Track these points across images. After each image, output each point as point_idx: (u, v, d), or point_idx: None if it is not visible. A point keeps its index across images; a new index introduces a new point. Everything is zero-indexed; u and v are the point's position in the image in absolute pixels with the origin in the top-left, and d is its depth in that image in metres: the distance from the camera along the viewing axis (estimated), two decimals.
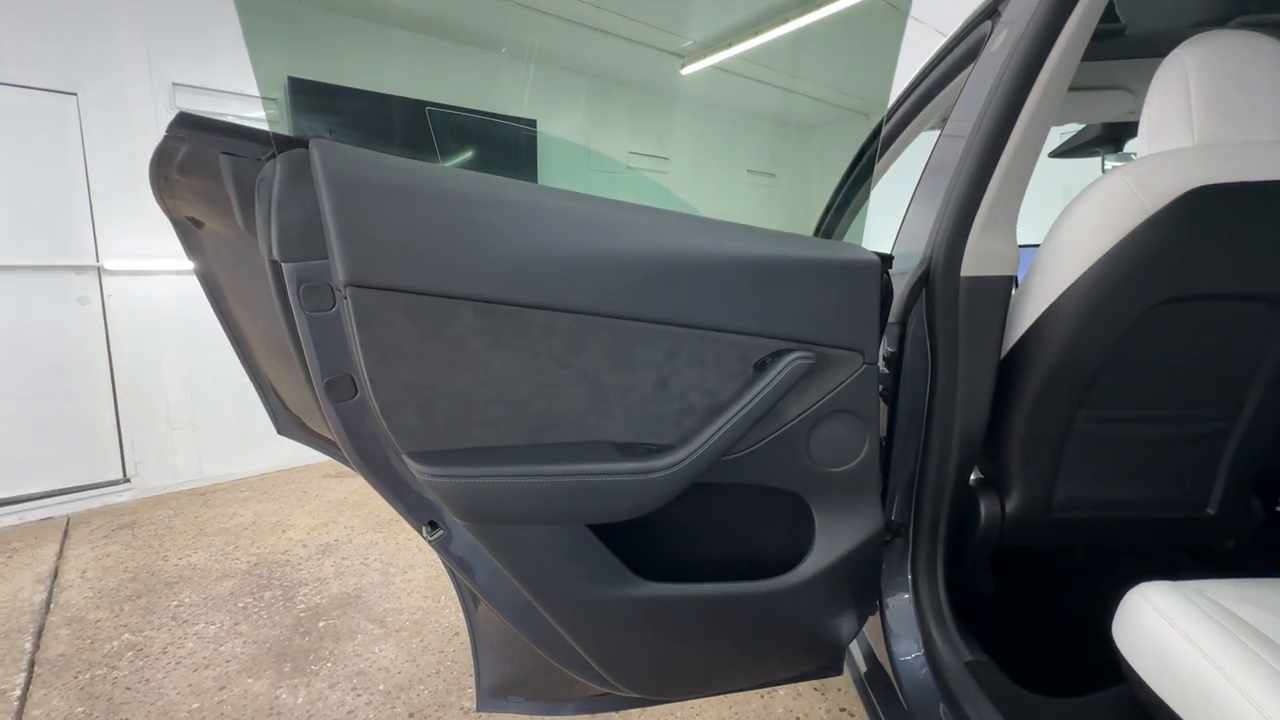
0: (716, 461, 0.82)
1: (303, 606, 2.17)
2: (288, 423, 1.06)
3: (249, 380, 1.05)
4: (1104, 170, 1.92)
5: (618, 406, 0.81)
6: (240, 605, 2.19)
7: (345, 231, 0.66)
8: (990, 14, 1.05)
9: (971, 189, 0.93)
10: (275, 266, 0.71)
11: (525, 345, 0.75)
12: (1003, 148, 0.92)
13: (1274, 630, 0.70)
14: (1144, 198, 0.89)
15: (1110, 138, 1.73)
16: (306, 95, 3.62)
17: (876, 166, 1.72)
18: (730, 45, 5.39)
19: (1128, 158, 1.82)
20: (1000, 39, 0.96)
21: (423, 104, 4.09)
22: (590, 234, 0.74)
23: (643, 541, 0.88)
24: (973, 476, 1.16)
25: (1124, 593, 0.81)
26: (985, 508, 1.13)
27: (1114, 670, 0.86)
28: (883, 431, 1.08)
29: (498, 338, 0.74)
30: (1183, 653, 0.71)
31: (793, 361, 0.82)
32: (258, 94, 3.51)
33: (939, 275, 0.97)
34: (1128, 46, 1.32)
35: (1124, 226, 0.89)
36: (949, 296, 0.97)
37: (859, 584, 0.97)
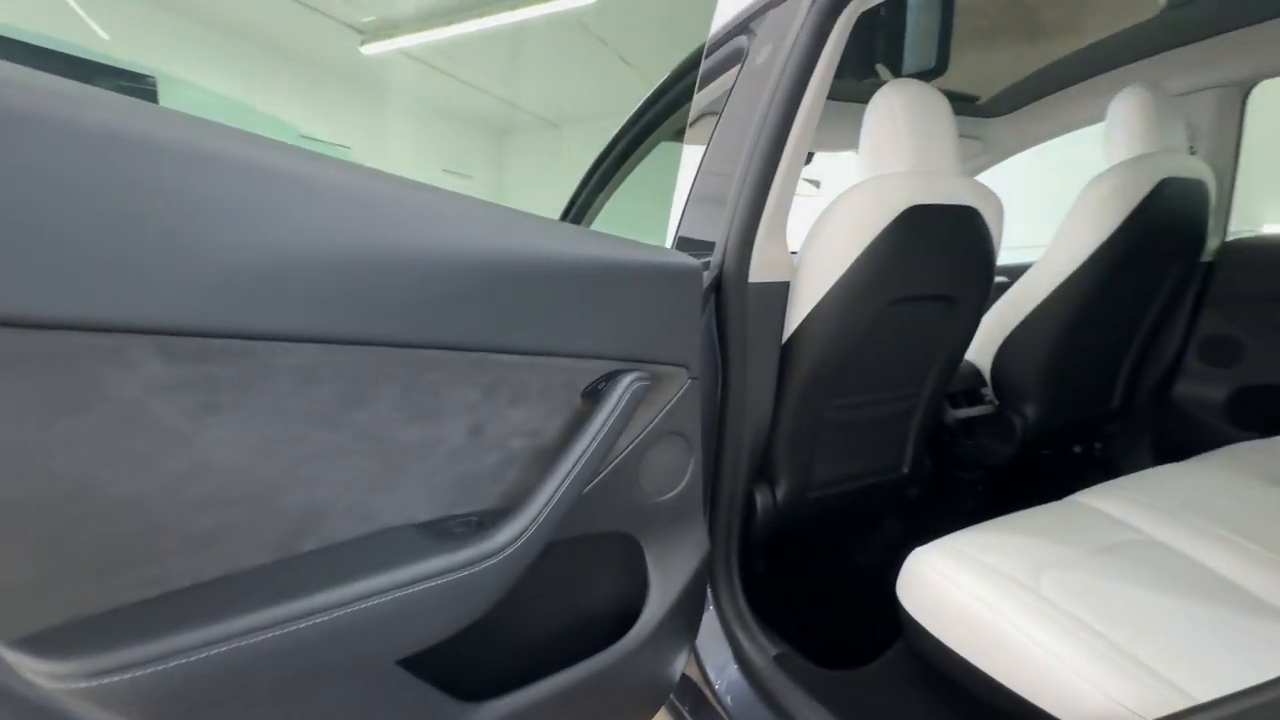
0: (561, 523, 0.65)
1: None
2: None
3: None
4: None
5: (417, 472, 0.58)
6: None
7: None
8: (743, 29, 1.10)
9: (755, 199, 0.95)
10: None
11: (263, 402, 0.47)
12: (779, 161, 0.95)
13: (1014, 569, 0.86)
14: (880, 211, 1.01)
15: None
16: None
17: (618, 174, 1.72)
18: (419, 30, 4.98)
19: None
20: (764, 54, 1.00)
21: None
22: (370, 221, 0.50)
23: (458, 647, 0.66)
24: None
25: (877, 556, 0.89)
26: (761, 500, 1.19)
27: (897, 629, 0.97)
28: None
29: (209, 395, 0.44)
30: (962, 603, 0.83)
31: (632, 385, 0.70)
32: None
33: (730, 282, 0.97)
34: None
35: (868, 235, 1.01)
36: (740, 303, 0.98)
37: (692, 616, 0.91)
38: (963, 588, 0.84)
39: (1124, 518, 1.04)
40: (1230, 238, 1.63)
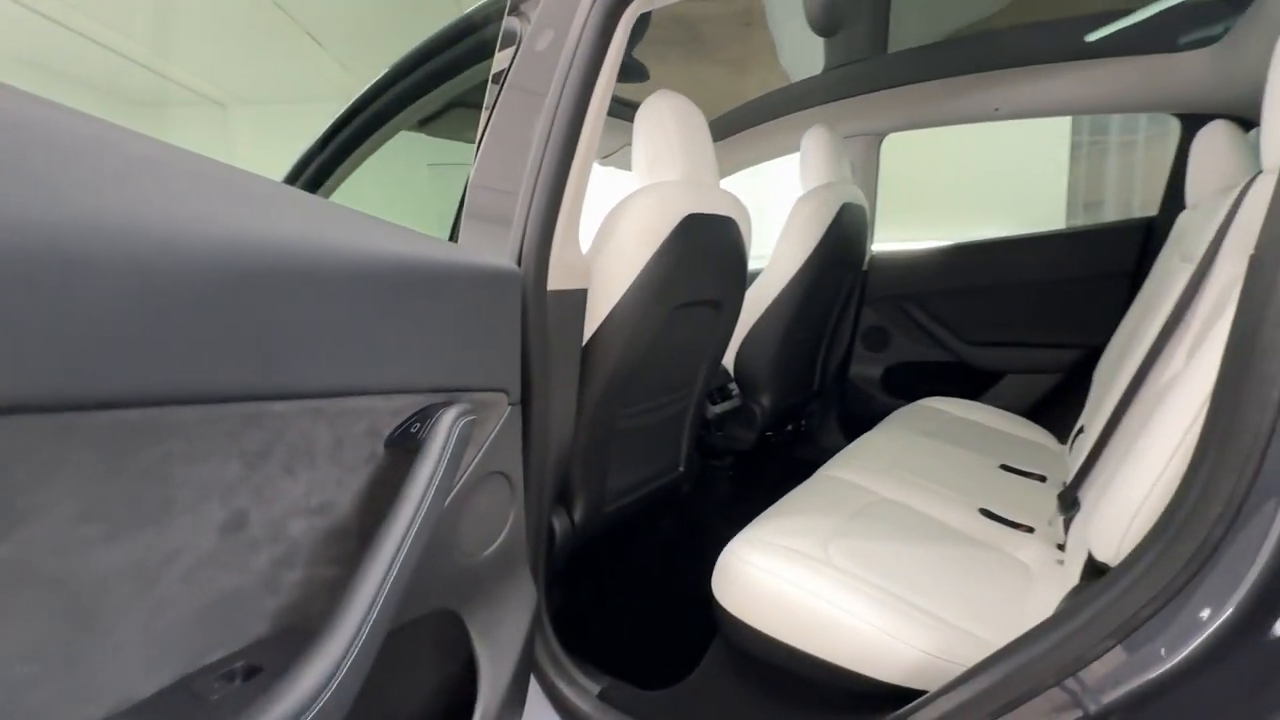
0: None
1: None
2: None
3: None
4: None
5: (133, 617, 0.35)
6: None
7: None
8: (514, 10, 0.99)
9: (550, 198, 0.86)
10: None
11: None
12: (573, 157, 0.88)
13: (807, 547, 0.94)
14: (664, 218, 1.02)
15: None
16: None
17: (341, 167, 1.43)
18: None
19: None
20: (545, 41, 0.91)
21: None
22: (31, 187, 0.27)
23: None
24: None
25: (669, 558, 0.90)
26: (559, 525, 1.11)
27: (708, 630, 0.98)
28: None
29: None
30: (777, 589, 0.87)
31: (457, 423, 0.54)
32: None
33: (530, 291, 0.86)
34: None
35: (655, 241, 1.01)
36: (539, 314, 0.88)
37: (525, 685, 0.78)
38: (774, 574, 0.88)
39: (861, 482, 1.24)
40: (875, 251, 2.12)
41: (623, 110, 1.54)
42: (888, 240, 2.17)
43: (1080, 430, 1.30)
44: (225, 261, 0.36)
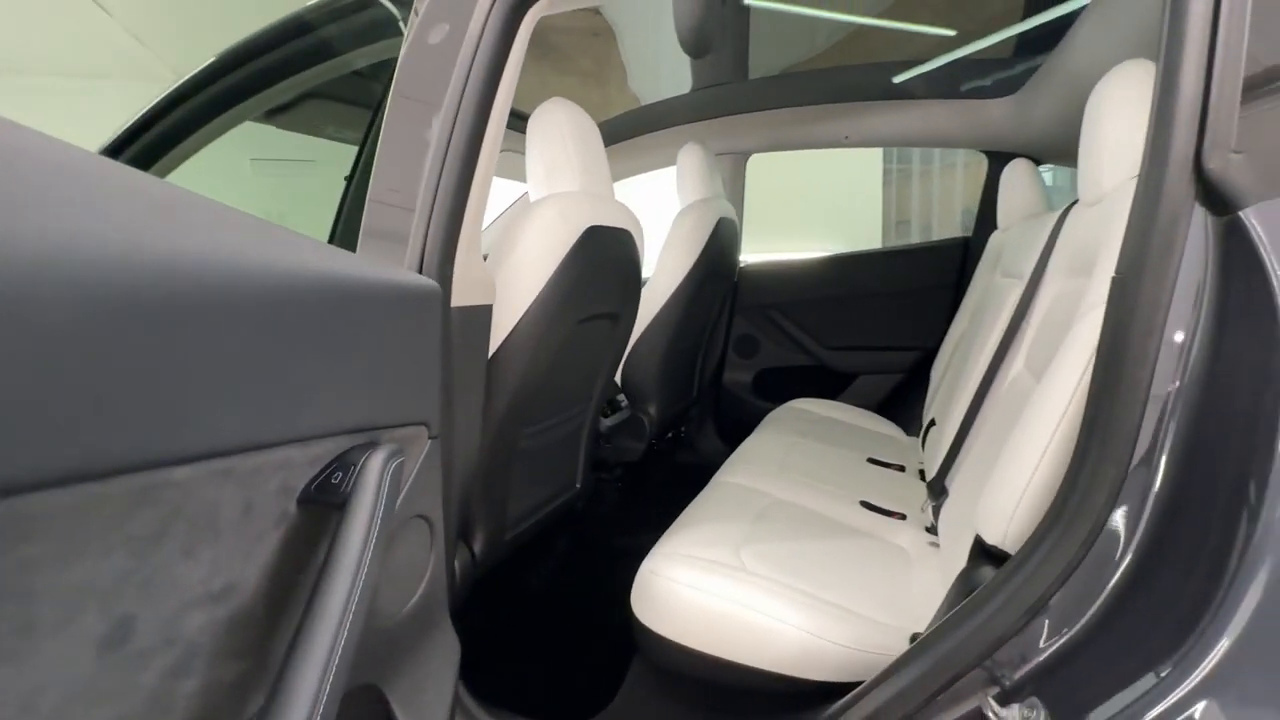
0: None
1: None
2: None
3: None
4: None
5: None
6: None
7: None
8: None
9: (454, 209, 0.78)
10: None
11: None
12: (475, 166, 0.81)
13: (722, 556, 0.95)
14: (566, 230, 0.99)
15: None
16: None
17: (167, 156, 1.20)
18: None
19: None
20: (440, 35, 0.83)
21: None
22: None
23: None
24: None
25: (571, 579, 0.88)
26: (460, 560, 1.02)
27: (624, 655, 0.96)
28: None
29: None
30: (699, 602, 0.87)
31: (388, 467, 0.47)
32: None
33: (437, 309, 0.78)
34: None
35: (558, 253, 0.97)
36: (446, 332, 0.80)
37: None
38: (697, 587, 0.88)
39: (756, 486, 1.29)
40: (743, 263, 2.24)
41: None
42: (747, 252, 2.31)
43: (932, 423, 1.47)
44: (92, 283, 0.27)
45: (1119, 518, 0.54)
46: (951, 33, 1.63)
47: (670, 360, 1.73)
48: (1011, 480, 0.73)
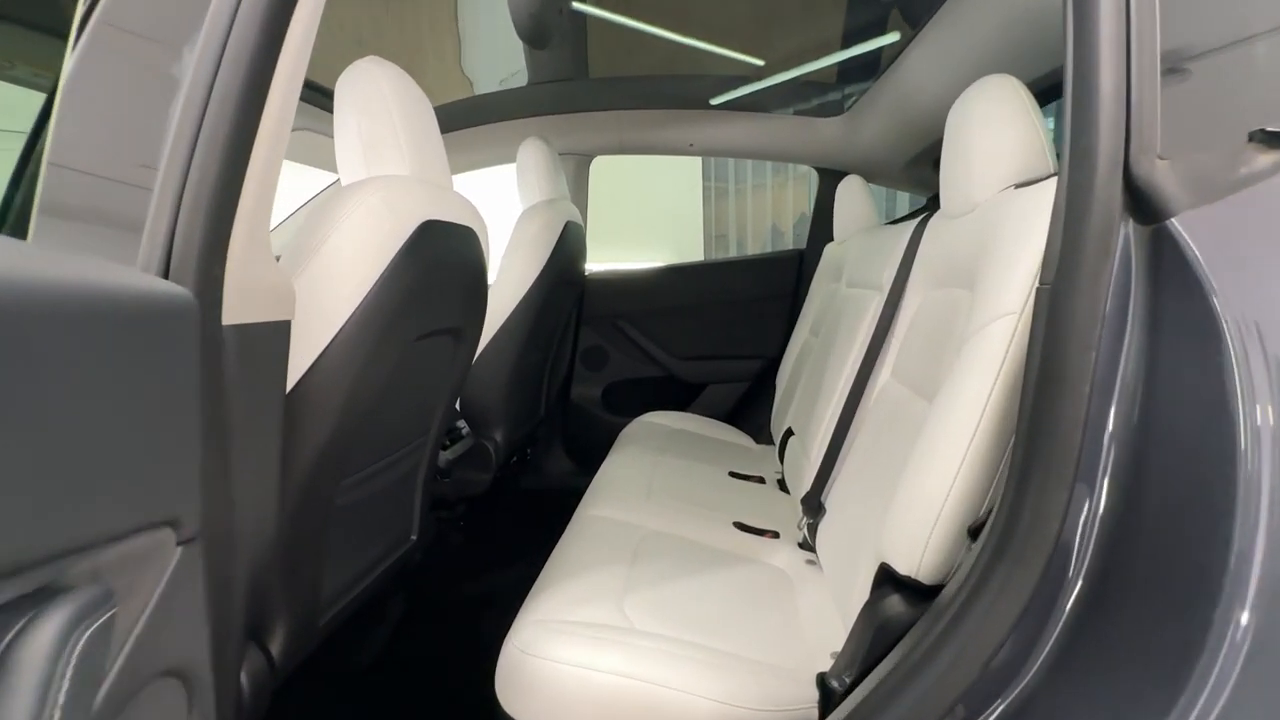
0: None
1: None
2: None
3: None
4: None
5: None
6: None
7: None
8: None
9: (222, 189, 0.53)
10: None
11: None
12: (257, 117, 0.56)
13: (604, 616, 0.80)
14: (396, 224, 0.77)
15: None
16: None
17: None
18: None
19: None
20: None
21: None
22: None
23: None
24: None
25: (419, 662, 0.70)
26: (248, 674, 0.74)
27: None
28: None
29: None
30: (582, 679, 0.71)
31: (74, 642, 0.24)
32: None
33: (194, 328, 0.52)
34: None
35: (385, 253, 0.75)
36: (210, 360, 0.54)
37: None
38: (580, 665, 0.72)
39: (626, 519, 1.16)
40: (589, 272, 2.12)
41: None
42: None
43: (789, 433, 1.47)
44: None
45: (1070, 544, 0.50)
46: (760, 62, 1.66)
47: (518, 378, 1.54)
48: (919, 506, 0.68)
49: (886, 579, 0.73)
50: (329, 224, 0.72)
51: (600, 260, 2.31)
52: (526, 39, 1.76)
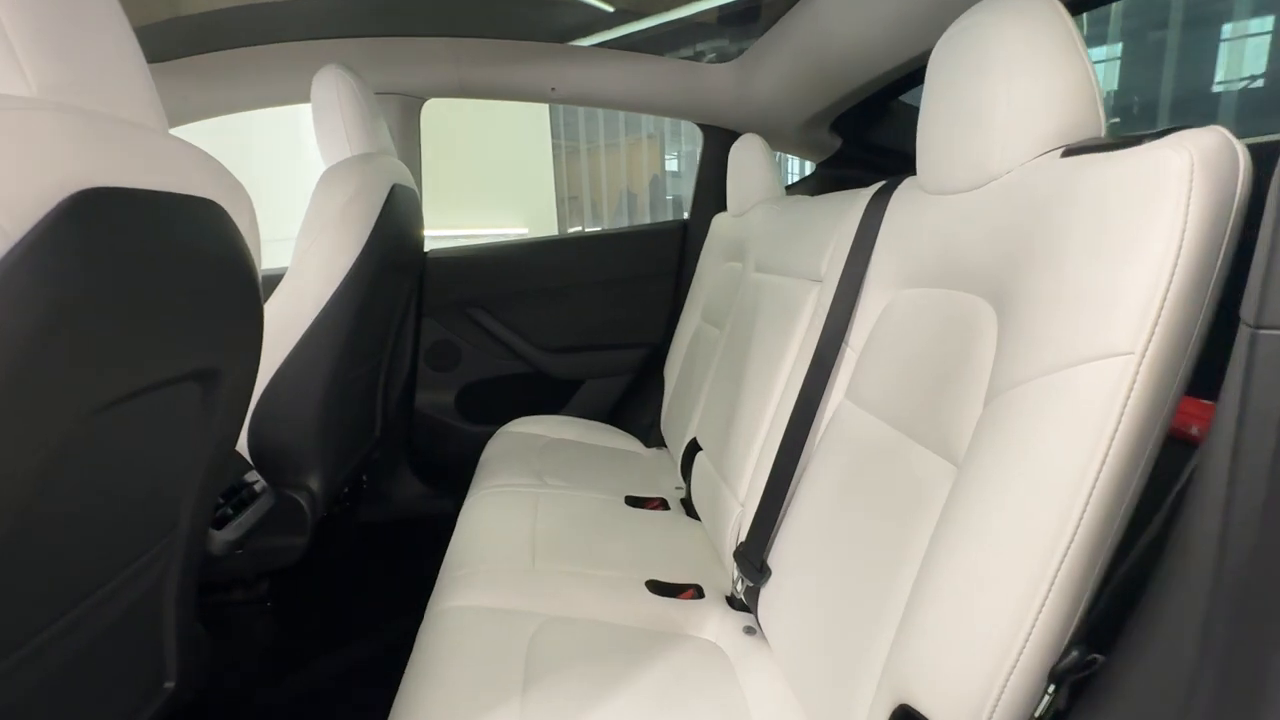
0: None
1: None
2: None
3: None
4: None
5: None
6: None
7: None
8: None
9: None
10: None
11: None
12: None
13: None
14: (15, 197, 0.36)
15: None
16: None
17: None
18: None
19: None
20: None
21: None
22: None
23: None
24: None
25: None
26: None
27: None
28: None
29: None
30: None
31: None
32: None
33: None
34: None
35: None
36: None
37: None
38: None
39: (508, 605, 0.85)
40: (428, 248, 1.69)
41: None
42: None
43: (696, 446, 1.22)
44: None
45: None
46: (609, 9, 1.35)
47: (334, 402, 1.12)
48: (980, 647, 0.45)
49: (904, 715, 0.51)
50: None
51: (437, 227, 1.88)
52: None
